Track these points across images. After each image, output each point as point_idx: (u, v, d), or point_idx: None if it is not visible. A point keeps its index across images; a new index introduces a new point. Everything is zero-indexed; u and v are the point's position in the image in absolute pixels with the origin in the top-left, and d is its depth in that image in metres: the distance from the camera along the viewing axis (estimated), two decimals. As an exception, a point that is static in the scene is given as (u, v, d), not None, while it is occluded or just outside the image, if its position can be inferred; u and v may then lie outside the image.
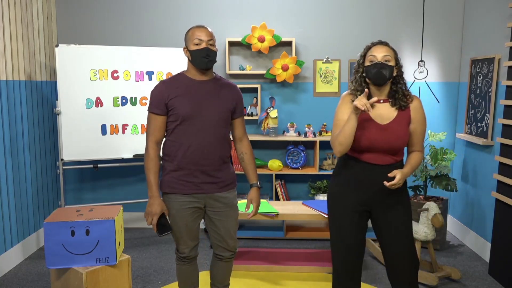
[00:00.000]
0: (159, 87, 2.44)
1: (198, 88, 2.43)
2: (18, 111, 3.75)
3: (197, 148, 2.40)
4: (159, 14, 4.42)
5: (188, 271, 2.66)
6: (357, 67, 2.37)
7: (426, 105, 4.40)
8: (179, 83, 2.44)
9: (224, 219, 2.55)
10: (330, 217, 2.49)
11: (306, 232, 4.26)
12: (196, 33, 2.39)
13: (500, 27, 3.65)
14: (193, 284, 2.72)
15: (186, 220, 2.49)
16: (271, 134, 4.32)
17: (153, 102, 2.43)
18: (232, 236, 2.61)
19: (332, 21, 4.40)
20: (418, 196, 4.19)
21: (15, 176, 3.70)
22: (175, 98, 2.39)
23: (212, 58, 2.40)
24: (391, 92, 2.34)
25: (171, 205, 2.48)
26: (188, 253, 2.58)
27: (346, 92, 2.45)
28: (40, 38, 4.12)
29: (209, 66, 2.41)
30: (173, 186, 2.47)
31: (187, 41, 2.44)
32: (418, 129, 2.37)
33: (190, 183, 2.45)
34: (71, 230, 2.50)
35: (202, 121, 2.40)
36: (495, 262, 3.47)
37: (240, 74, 4.41)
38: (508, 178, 3.30)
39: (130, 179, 4.60)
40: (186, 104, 2.38)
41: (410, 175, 2.35)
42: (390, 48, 2.32)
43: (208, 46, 2.37)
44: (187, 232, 2.52)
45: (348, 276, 2.46)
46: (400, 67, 2.34)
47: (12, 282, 3.40)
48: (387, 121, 2.32)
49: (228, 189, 2.55)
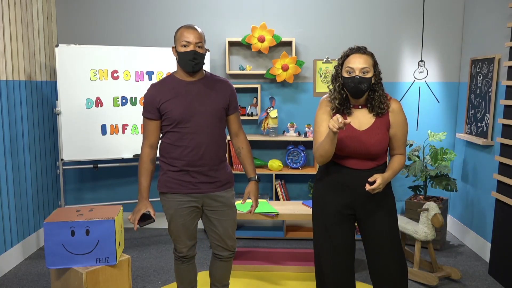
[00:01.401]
0: (150, 91, 2.44)
1: (188, 90, 2.42)
2: (18, 111, 3.75)
3: (193, 149, 2.41)
4: (159, 14, 4.42)
5: (186, 270, 2.67)
6: (335, 75, 2.34)
7: (426, 105, 4.42)
8: (169, 86, 2.43)
9: (222, 218, 2.55)
10: (314, 220, 2.46)
11: (306, 232, 4.27)
12: (185, 34, 2.36)
13: (500, 27, 3.65)
14: (191, 283, 2.73)
15: (184, 219, 2.49)
16: (271, 134, 4.32)
17: (145, 107, 2.44)
18: (231, 235, 2.61)
19: (332, 21, 4.40)
20: (418, 196, 4.19)
21: (15, 176, 3.70)
22: (166, 102, 2.39)
23: (200, 60, 2.38)
24: (368, 99, 2.32)
25: (169, 205, 2.49)
26: (186, 253, 2.59)
27: (324, 97, 2.42)
28: (40, 38, 4.12)
29: (196, 69, 2.40)
30: (170, 186, 2.48)
31: (175, 41, 2.41)
32: (398, 133, 2.34)
33: (187, 182, 2.46)
34: (71, 230, 2.50)
35: (196, 122, 2.40)
36: (495, 262, 3.47)
37: (240, 74, 4.41)
38: (508, 178, 3.30)
39: (130, 179, 4.60)
40: (178, 108, 2.38)
41: (391, 179, 2.32)
42: (368, 55, 2.27)
43: (195, 49, 2.35)
44: (185, 231, 2.52)
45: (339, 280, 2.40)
46: (378, 73, 2.30)
47: (12, 282, 3.40)
48: (365, 127, 2.30)
49: (225, 189, 2.55)
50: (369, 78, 2.24)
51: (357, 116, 2.33)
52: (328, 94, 2.39)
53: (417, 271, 3.38)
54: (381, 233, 2.34)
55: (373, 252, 2.37)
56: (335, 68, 2.34)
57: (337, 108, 2.32)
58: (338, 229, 2.38)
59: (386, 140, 2.33)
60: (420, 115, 4.40)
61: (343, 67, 2.29)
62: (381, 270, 2.36)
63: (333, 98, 2.34)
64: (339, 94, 2.31)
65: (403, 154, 2.38)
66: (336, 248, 2.38)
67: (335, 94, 2.32)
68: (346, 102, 2.33)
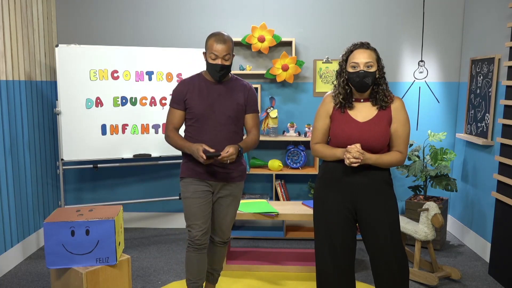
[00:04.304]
0: (180, 86, 2.72)
1: (211, 90, 2.69)
2: (18, 111, 3.75)
3: (210, 143, 2.62)
4: (159, 14, 4.42)
5: (197, 259, 2.74)
6: (339, 70, 2.40)
7: (426, 105, 4.42)
8: (196, 84, 2.71)
9: (226, 206, 2.79)
10: (315, 220, 2.48)
11: (306, 232, 4.27)
12: (214, 46, 2.59)
13: (500, 27, 3.65)
14: (200, 274, 2.78)
15: (200, 202, 2.69)
16: (271, 134, 4.32)
17: (174, 99, 2.73)
18: (228, 224, 2.85)
19: (332, 21, 4.40)
20: (418, 196, 4.19)
21: (15, 176, 3.70)
22: (191, 98, 2.67)
23: (226, 72, 2.65)
24: (372, 92, 2.38)
25: (187, 188, 2.71)
26: (200, 237, 2.68)
27: (328, 93, 2.49)
28: (40, 38, 4.12)
29: (221, 79, 2.68)
30: (190, 172, 2.72)
31: (206, 49, 2.66)
32: (399, 130, 2.36)
33: (205, 171, 2.69)
34: (71, 230, 2.51)
35: (214, 119, 2.66)
36: (495, 262, 3.47)
37: (240, 74, 4.40)
38: (508, 178, 3.30)
39: (130, 179, 4.60)
40: (200, 105, 2.66)
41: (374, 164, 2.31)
42: (372, 50, 2.33)
43: (222, 63, 2.60)
44: (201, 213, 2.69)
45: (339, 280, 2.40)
46: (381, 68, 2.35)
47: (12, 282, 3.40)
48: (366, 119, 2.36)
49: (237, 181, 2.79)
50: (373, 72, 2.30)
51: (359, 109, 2.39)
52: (333, 90, 2.45)
53: (417, 271, 3.38)
54: (382, 231, 2.35)
55: (375, 251, 2.37)
56: (339, 64, 2.40)
57: (341, 103, 2.38)
58: (339, 229, 2.39)
59: (386, 134, 2.35)
60: (420, 115, 4.40)
61: (347, 63, 2.35)
62: (383, 268, 2.36)
63: (337, 93, 2.40)
64: (343, 89, 2.38)
65: (402, 153, 2.38)
66: (337, 248, 2.38)
67: (340, 89, 2.39)
68: (349, 97, 2.40)
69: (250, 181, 4.58)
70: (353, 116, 2.37)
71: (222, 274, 3.46)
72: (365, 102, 2.39)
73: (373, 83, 2.33)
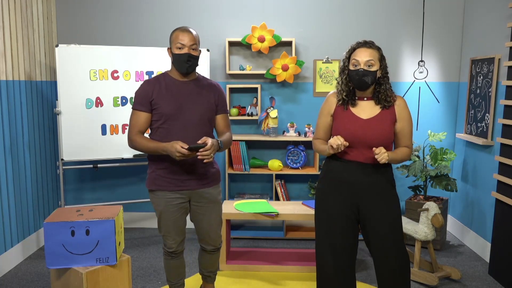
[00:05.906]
0: (144, 86, 2.53)
1: (180, 89, 2.53)
2: (18, 111, 3.75)
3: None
4: (159, 14, 4.42)
5: (175, 265, 2.76)
6: (342, 68, 2.42)
7: (426, 105, 4.42)
8: (162, 83, 2.53)
9: (207, 213, 2.66)
10: (316, 220, 2.48)
11: (306, 232, 4.27)
12: (179, 36, 2.46)
13: (500, 27, 3.65)
14: (179, 275, 2.81)
15: (173, 216, 2.59)
16: (271, 134, 4.32)
17: (137, 100, 2.52)
18: (215, 230, 2.73)
19: (332, 21, 4.40)
20: (418, 196, 4.19)
21: (15, 176, 3.70)
22: (158, 97, 2.49)
23: (193, 62, 2.49)
24: (375, 92, 2.39)
25: (158, 202, 2.59)
26: (175, 248, 2.67)
27: (332, 92, 2.51)
28: (40, 38, 4.12)
29: (190, 70, 2.51)
30: (159, 183, 2.56)
31: (170, 42, 2.52)
32: (406, 128, 2.40)
33: (176, 179, 2.54)
34: (71, 230, 2.50)
35: (184, 120, 2.50)
36: (495, 262, 3.47)
37: (240, 74, 4.41)
38: (508, 178, 3.30)
39: (130, 179, 4.60)
40: (168, 104, 2.48)
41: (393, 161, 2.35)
42: (374, 49, 2.34)
43: (190, 52, 2.45)
44: (174, 227, 2.61)
45: (339, 280, 2.41)
46: (384, 67, 2.36)
47: (12, 282, 3.40)
48: (369, 117, 2.37)
49: (212, 185, 2.65)
50: (374, 71, 2.31)
51: (363, 107, 2.40)
52: (336, 87, 2.47)
53: (417, 271, 3.38)
54: (384, 231, 2.35)
55: (377, 251, 2.38)
56: (343, 61, 2.43)
57: (343, 100, 2.40)
58: (340, 229, 2.39)
59: (390, 132, 2.36)
60: (420, 115, 4.40)
61: (350, 60, 2.37)
62: (384, 268, 2.37)
63: (340, 90, 2.42)
64: (346, 87, 2.39)
65: (410, 147, 2.42)
66: (337, 248, 2.38)
67: (342, 87, 2.41)
68: (352, 94, 2.40)
69: (250, 181, 4.58)
70: (356, 114, 2.38)
71: (222, 274, 3.46)
72: (368, 100, 2.40)
73: (373, 82, 2.33)
